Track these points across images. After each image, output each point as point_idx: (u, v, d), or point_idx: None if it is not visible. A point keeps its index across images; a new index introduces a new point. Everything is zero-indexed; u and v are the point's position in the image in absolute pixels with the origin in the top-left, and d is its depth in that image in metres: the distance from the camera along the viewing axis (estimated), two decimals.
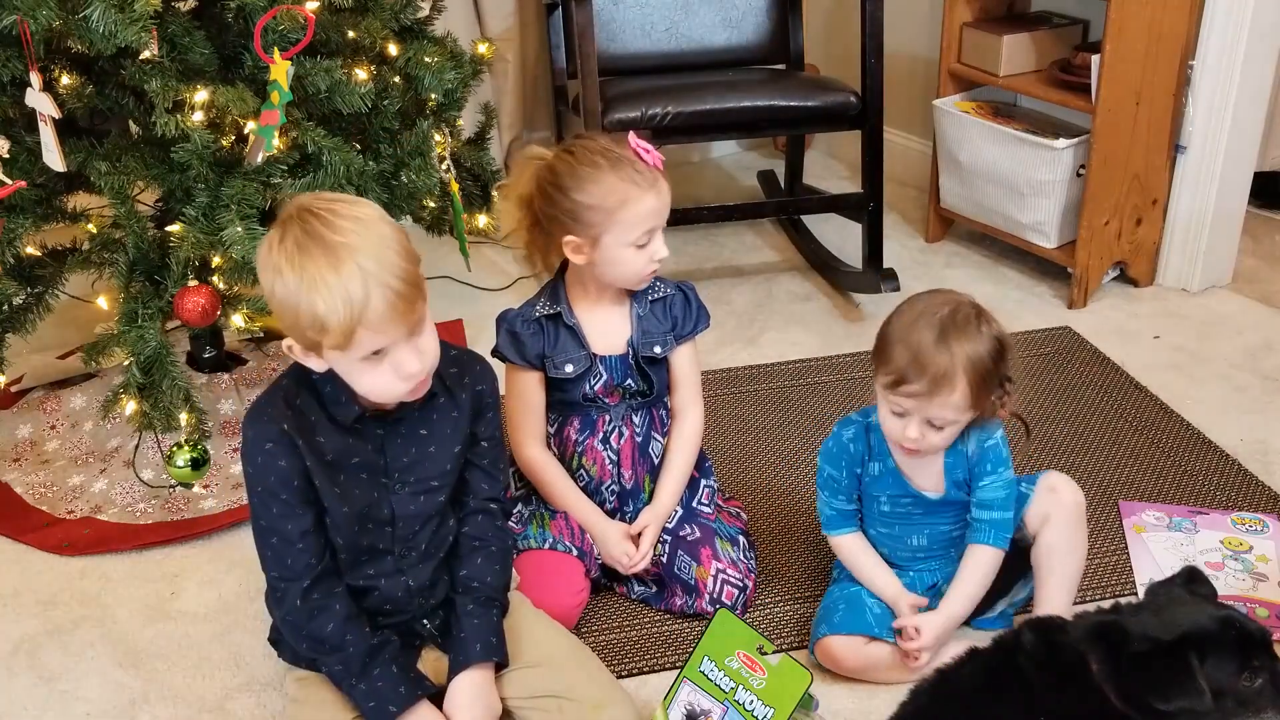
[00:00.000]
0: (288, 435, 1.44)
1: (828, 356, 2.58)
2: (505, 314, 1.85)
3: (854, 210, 2.82)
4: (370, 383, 1.41)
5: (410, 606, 1.56)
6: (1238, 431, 2.28)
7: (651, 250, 1.76)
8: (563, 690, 1.54)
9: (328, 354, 1.38)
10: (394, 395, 1.43)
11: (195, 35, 1.89)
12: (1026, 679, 1.39)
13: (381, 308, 1.33)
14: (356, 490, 1.48)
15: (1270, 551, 1.90)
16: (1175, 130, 2.66)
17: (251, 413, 1.47)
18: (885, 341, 1.62)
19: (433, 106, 2.27)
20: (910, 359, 1.58)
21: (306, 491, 1.46)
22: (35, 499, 2.15)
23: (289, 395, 1.46)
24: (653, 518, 1.85)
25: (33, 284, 2.07)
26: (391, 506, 1.51)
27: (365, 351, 1.36)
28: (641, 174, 1.72)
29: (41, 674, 1.80)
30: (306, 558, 1.47)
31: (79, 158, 1.93)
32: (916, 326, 1.59)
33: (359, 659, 1.48)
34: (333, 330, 1.32)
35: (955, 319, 1.59)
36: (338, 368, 1.41)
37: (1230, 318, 2.68)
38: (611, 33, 2.89)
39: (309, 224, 1.34)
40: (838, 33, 3.45)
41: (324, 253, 1.32)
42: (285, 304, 1.35)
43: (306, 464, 1.45)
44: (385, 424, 1.49)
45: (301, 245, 1.33)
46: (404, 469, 1.51)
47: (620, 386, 1.84)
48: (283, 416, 1.44)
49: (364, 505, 1.49)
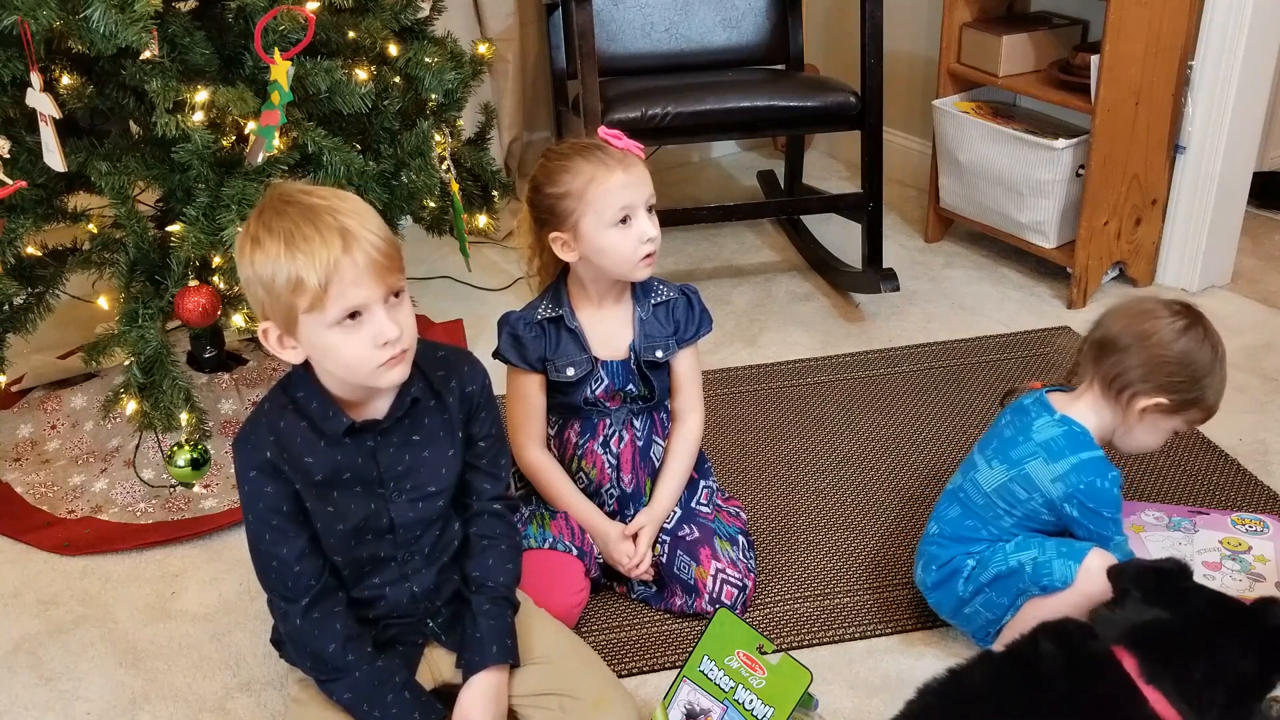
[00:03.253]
0: (271, 462, 1.43)
1: (827, 356, 2.58)
2: (507, 316, 1.85)
3: (854, 210, 2.83)
4: (347, 355, 1.37)
5: (416, 611, 1.56)
6: (1237, 431, 2.28)
7: (638, 231, 1.74)
8: (565, 688, 1.54)
9: (303, 329, 1.36)
10: (370, 369, 1.38)
11: (196, 35, 1.90)
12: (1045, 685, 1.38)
13: (361, 261, 1.33)
14: (352, 505, 1.47)
15: (1269, 552, 1.90)
16: (1175, 130, 2.66)
17: (237, 439, 1.46)
18: (1201, 379, 1.64)
19: (433, 107, 2.27)
20: (1221, 394, 1.66)
21: (297, 515, 1.45)
22: (36, 499, 2.16)
23: (271, 421, 1.45)
24: (649, 519, 1.85)
25: (33, 284, 2.07)
26: (390, 515, 1.50)
27: (341, 311, 1.33)
28: (609, 155, 1.74)
29: (42, 674, 1.80)
30: (306, 579, 1.46)
31: (79, 158, 1.93)
32: (1221, 362, 1.65)
33: (367, 684, 1.47)
34: (310, 286, 1.31)
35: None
36: (314, 349, 1.38)
37: (1229, 318, 2.68)
38: (611, 33, 2.89)
39: (288, 197, 1.37)
40: (838, 33, 3.45)
41: (302, 213, 1.34)
42: (262, 275, 1.34)
43: (296, 488, 1.44)
44: (375, 434, 1.47)
45: (280, 211, 1.35)
46: (399, 477, 1.49)
47: (621, 391, 1.84)
48: (265, 445, 1.43)
49: (361, 518, 1.48)
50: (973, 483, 1.74)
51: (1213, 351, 1.64)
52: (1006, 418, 1.76)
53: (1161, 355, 1.63)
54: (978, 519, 1.73)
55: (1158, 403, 1.64)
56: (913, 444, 2.28)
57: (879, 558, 1.97)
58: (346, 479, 1.46)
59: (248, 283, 1.38)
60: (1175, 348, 1.63)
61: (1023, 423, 1.72)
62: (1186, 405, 1.65)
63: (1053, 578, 1.63)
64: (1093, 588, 1.59)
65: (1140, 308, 1.69)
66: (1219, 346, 1.65)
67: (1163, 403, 1.64)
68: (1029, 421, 1.71)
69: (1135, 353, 1.64)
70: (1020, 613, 1.66)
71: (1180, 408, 1.65)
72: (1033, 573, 1.64)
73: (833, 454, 2.25)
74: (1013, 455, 1.70)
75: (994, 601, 1.69)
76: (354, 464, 1.46)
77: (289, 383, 1.47)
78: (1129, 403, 1.65)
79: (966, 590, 1.71)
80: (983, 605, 1.70)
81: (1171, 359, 1.62)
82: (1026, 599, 1.66)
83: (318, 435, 1.45)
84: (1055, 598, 1.62)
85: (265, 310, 1.38)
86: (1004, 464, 1.70)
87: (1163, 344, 1.63)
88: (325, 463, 1.45)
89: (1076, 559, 1.62)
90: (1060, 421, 1.69)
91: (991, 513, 1.71)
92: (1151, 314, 1.66)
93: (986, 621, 1.72)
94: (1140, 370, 1.64)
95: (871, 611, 1.86)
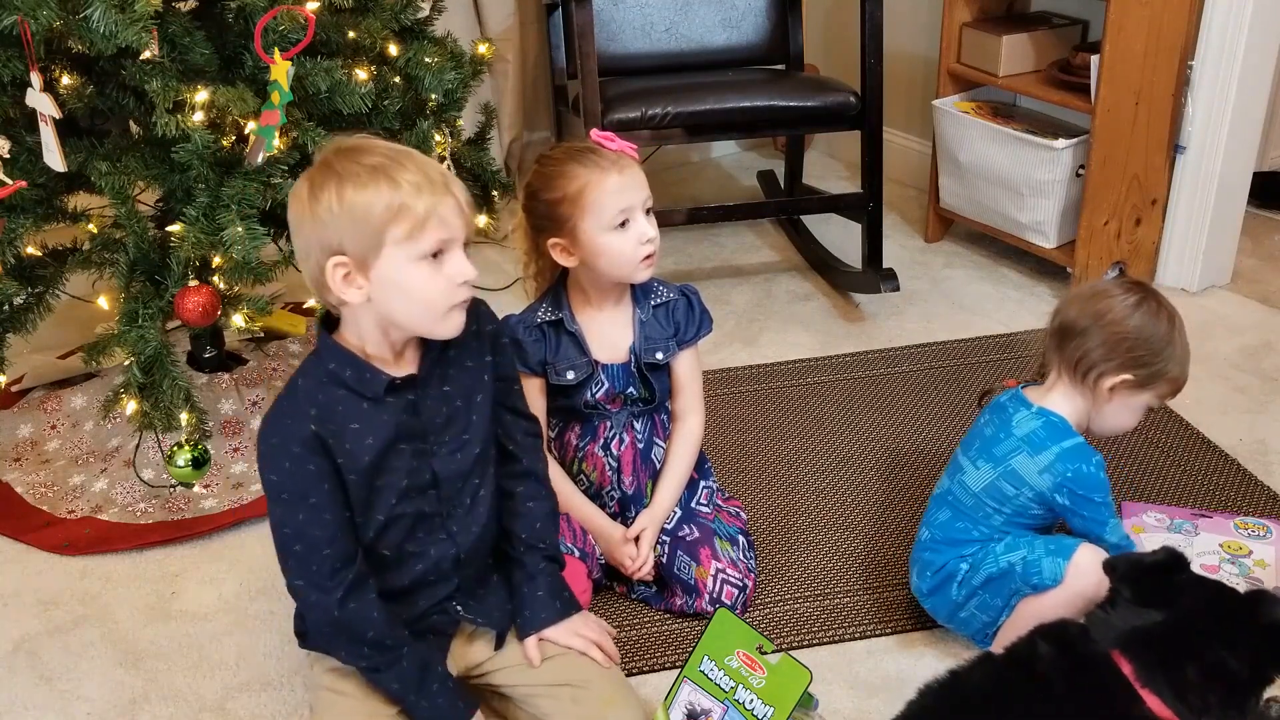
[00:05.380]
0: (316, 435, 1.41)
1: (827, 356, 2.58)
2: (507, 319, 1.85)
3: (853, 210, 2.83)
4: (427, 291, 1.37)
5: (454, 574, 1.55)
6: (1237, 431, 2.28)
7: (636, 232, 1.74)
8: (579, 680, 1.54)
9: (384, 263, 1.35)
10: (444, 309, 1.39)
11: (195, 35, 1.89)
12: (1044, 687, 1.39)
13: (460, 199, 1.38)
14: (397, 463, 1.46)
15: (1269, 557, 1.90)
16: (1175, 130, 2.66)
17: (272, 419, 1.44)
18: (1161, 350, 1.66)
19: (433, 107, 2.27)
20: (1186, 364, 1.68)
21: (336, 493, 1.44)
22: (36, 499, 2.16)
23: (310, 394, 1.43)
24: (650, 521, 1.85)
25: (33, 284, 2.07)
26: (433, 469, 1.49)
27: (436, 241, 1.35)
28: (603, 157, 1.73)
29: (42, 674, 1.80)
30: (333, 564, 1.44)
31: (79, 158, 1.93)
32: (1179, 331, 1.67)
33: (414, 674, 1.48)
34: (415, 212, 1.33)
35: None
36: (388, 286, 1.37)
37: (1229, 318, 2.68)
38: (611, 33, 2.89)
39: (366, 144, 1.40)
40: (838, 33, 3.45)
41: (395, 154, 1.38)
42: (354, 205, 1.33)
43: (338, 462, 1.43)
44: (415, 389, 1.47)
45: (366, 150, 1.38)
46: (439, 429, 1.49)
47: (622, 394, 1.84)
48: (307, 418, 1.41)
49: (406, 476, 1.47)
50: (960, 485, 1.74)
51: (1169, 322, 1.67)
52: (986, 417, 1.77)
53: (1119, 332, 1.65)
54: (968, 520, 1.73)
55: (1124, 379, 1.66)
56: (913, 444, 2.28)
57: (879, 558, 1.97)
58: (394, 437, 1.45)
59: (322, 220, 1.35)
60: (1130, 323, 1.65)
61: (1002, 420, 1.73)
62: (1152, 379, 1.67)
63: (1042, 576, 1.63)
64: (1083, 584, 1.60)
65: (1093, 290, 1.72)
66: (1175, 317, 1.68)
67: (1128, 379, 1.66)
68: (1008, 418, 1.72)
69: (1094, 334, 1.67)
70: (1015, 613, 1.67)
71: (1146, 382, 1.67)
72: (1023, 572, 1.65)
73: (833, 454, 2.25)
74: (996, 453, 1.70)
75: (988, 603, 1.69)
76: (400, 421, 1.45)
77: (319, 358, 1.45)
78: (1096, 384, 1.67)
79: (960, 594, 1.71)
80: (978, 608, 1.71)
81: (1129, 334, 1.65)
82: (1020, 599, 1.66)
83: (360, 399, 1.43)
84: (1047, 596, 1.63)
85: (342, 245, 1.35)
86: (989, 462, 1.71)
87: (1118, 320, 1.66)
88: (371, 425, 1.43)
89: (1065, 556, 1.63)
90: (1038, 414, 1.70)
91: (981, 512, 1.72)
92: (1104, 294, 1.69)
93: (983, 624, 1.72)
94: (1101, 350, 1.66)
95: (871, 611, 1.86)
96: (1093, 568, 1.58)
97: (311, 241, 1.38)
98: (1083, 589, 1.59)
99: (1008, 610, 1.68)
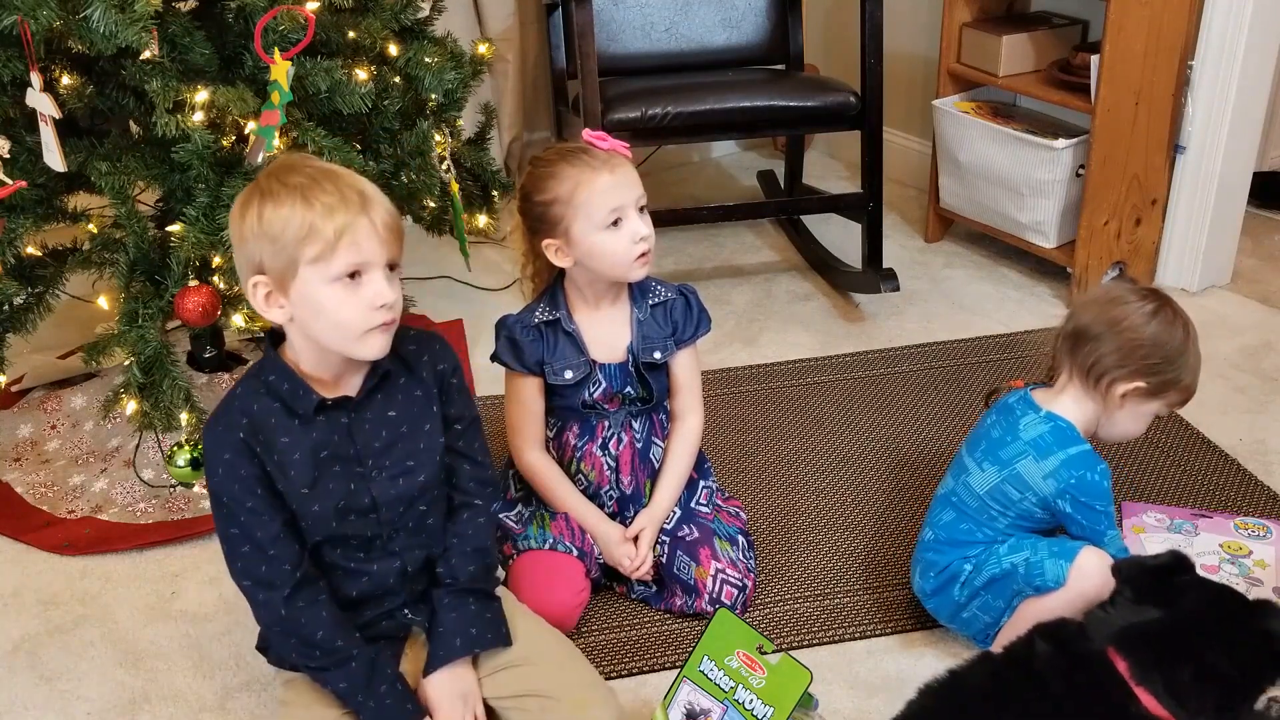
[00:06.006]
0: (245, 443, 1.43)
1: (827, 356, 2.58)
2: (505, 319, 1.85)
3: (853, 210, 2.83)
4: (341, 313, 1.37)
5: (401, 590, 1.55)
6: (1237, 431, 2.28)
7: (629, 231, 1.73)
8: (546, 689, 1.52)
9: (300, 284, 1.36)
10: (360, 332, 1.39)
11: (195, 35, 1.89)
12: (1040, 685, 1.39)
13: (376, 221, 1.37)
14: (331, 484, 1.46)
15: (1269, 557, 1.90)
16: (1175, 130, 2.66)
17: (207, 425, 1.46)
18: (1175, 359, 1.66)
19: (433, 107, 2.27)
20: (1198, 374, 1.68)
21: (271, 498, 1.45)
22: (36, 499, 2.16)
23: (244, 405, 1.45)
24: (648, 520, 1.85)
25: (33, 284, 2.07)
26: (371, 494, 1.49)
27: (347, 264, 1.35)
28: (594, 157, 1.73)
29: (42, 674, 1.80)
30: (281, 564, 1.45)
31: (79, 158, 1.93)
32: (1194, 340, 1.67)
33: (362, 673, 1.47)
34: (323, 234, 1.33)
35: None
36: (306, 306, 1.38)
37: (1229, 318, 2.68)
38: (611, 33, 2.89)
39: (301, 161, 1.41)
40: (838, 33, 3.45)
41: (320, 173, 1.39)
42: (270, 224, 1.35)
43: (268, 469, 1.44)
44: (349, 411, 1.47)
45: (295, 169, 1.38)
46: (378, 454, 1.49)
47: (620, 393, 1.84)
48: (238, 426, 1.43)
49: (341, 498, 1.47)
50: (965, 486, 1.74)
51: (1184, 331, 1.67)
52: (992, 418, 1.77)
53: (1134, 339, 1.65)
54: (972, 522, 1.73)
55: (1136, 386, 1.66)
56: (913, 444, 2.28)
57: (879, 558, 1.97)
58: (324, 458, 1.46)
59: (245, 238, 1.38)
60: (1147, 331, 1.65)
61: (1009, 422, 1.72)
62: (1165, 387, 1.67)
63: (1045, 578, 1.63)
64: (1086, 586, 1.60)
65: (1108, 295, 1.71)
66: (1189, 326, 1.68)
67: (1141, 386, 1.66)
68: (1015, 420, 1.72)
69: (1108, 340, 1.66)
70: (1016, 614, 1.67)
71: (1159, 390, 1.67)
72: (1026, 574, 1.65)
73: (833, 454, 2.25)
74: (1002, 456, 1.70)
75: (990, 604, 1.69)
76: (330, 442, 1.46)
77: (260, 368, 1.47)
78: (1108, 390, 1.67)
79: (963, 595, 1.71)
80: (979, 609, 1.71)
81: (1145, 342, 1.65)
82: (1021, 600, 1.66)
83: (290, 415, 1.44)
84: (1050, 598, 1.63)
85: (262, 264, 1.38)
86: (995, 465, 1.71)
87: (1134, 328, 1.65)
88: (301, 442, 1.44)
89: (1068, 558, 1.63)
90: (1046, 418, 1.70)
91: (985, 515, 1.72)
92: (1120, 300, 1.69)
93: (985, 625, 1.72)
94: (1115, 356, 1.66)
95: (871, 611, 1.86)
96: (1095, 570, 1.59)
97: (240, 259, 1.41)
98: (1085, 591, 1.59)
99: (1009, 612, 1.68)
